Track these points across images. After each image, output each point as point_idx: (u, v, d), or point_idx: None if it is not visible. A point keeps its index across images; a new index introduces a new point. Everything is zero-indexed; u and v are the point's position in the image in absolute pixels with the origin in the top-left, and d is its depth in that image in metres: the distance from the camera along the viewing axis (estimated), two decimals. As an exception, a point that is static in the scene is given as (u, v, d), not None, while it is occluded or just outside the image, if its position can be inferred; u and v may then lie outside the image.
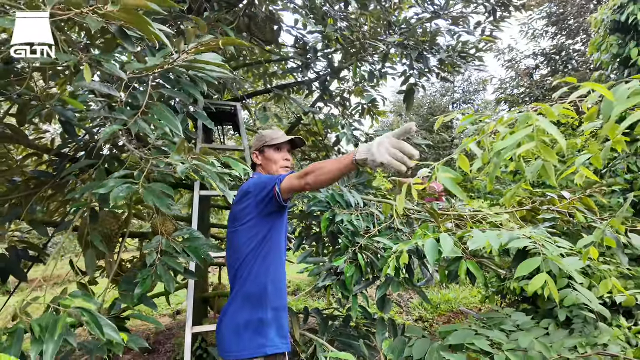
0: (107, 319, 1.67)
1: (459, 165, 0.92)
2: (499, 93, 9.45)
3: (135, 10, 0.97)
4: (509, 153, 0.73)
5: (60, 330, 1.10)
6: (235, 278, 1.64)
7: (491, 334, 1.49)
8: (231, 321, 1.59)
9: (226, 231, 1.85)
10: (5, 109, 2.15)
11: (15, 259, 2.30)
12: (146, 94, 1.33)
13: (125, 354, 4.09)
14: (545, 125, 0.71)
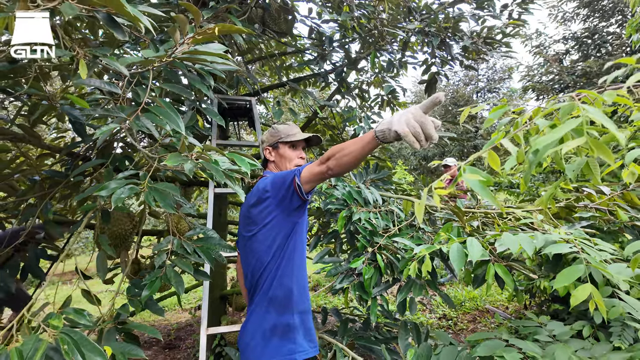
0: (112, 328, 1.63)
1: (487, 164, 0.80)
2: (526, 80, 9.02)
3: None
4: (550, 150, 0.61)
5: (39, 357, 1.03)
6: (257, 284, 1.55)
7: (524, 345, 1.36)
8: (256, 328, 1.52)
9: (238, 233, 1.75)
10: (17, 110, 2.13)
11: (34, 257, 2.31)
12: (146, 90, 1.25)
13: (147, 350, 4.14)
14: (596, 116, 0.58)
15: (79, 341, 1.12)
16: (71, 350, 1.08)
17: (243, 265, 1.66)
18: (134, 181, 1.37)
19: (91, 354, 1.11)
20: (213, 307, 3.54)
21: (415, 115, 1.05)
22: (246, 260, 1.61)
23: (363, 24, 2.70)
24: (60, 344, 1.09)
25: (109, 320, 1.57)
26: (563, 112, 0.67)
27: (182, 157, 1.21)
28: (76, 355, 1.08)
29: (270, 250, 1.51)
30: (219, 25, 1.04)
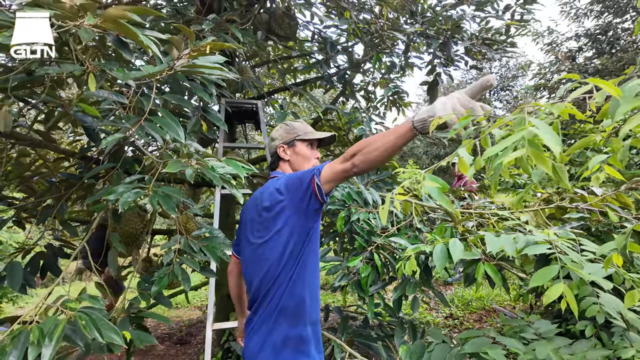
0: (125, 317, 1.75)
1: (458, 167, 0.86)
2: (538, 78, 8.89)
3: (121, 21, 0.98)
4: (497, 160, 0.67)
5: (58, 334, 1.14)
6: (266, 293, 1.41)
7: (509, 342, 1.41)
8: (265, 339, 1.39)
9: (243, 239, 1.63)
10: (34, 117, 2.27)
11: (52, 255, 2.45)
12: (150, 100, 1.35)
13: (160, 344, 4.29)
14: (540, 131, 0.65)
15: (96, 319, 1.23)
16: (88, 326, 1.18)
17: (249, 272, 1.52)
18: (140, 185, 1.48)
19: (107, 331, 1.21)
20: (222, 305, 3.65)
21: (462, 100, 0.93)
22: (254, 268, 1.47)
23: (364, 28, 2.76)
24: (78, 320, 1.20)
25: (121, 310, 1.68)
26: (515, 124, 0.74)
27: (182, 164, 1.30)
28: (93, 330, 1.18)
29: (283, 258, 1.37)
30: (210, 43, 1.13)
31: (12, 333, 1.28)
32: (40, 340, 1.20)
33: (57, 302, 1.52)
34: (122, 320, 1.77)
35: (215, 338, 3.64)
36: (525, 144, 0.67)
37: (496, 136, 0.77)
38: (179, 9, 2.08)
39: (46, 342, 1.19)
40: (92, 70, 1.29)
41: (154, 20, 2.20)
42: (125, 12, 0.96)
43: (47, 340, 1.19)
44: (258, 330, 1.41)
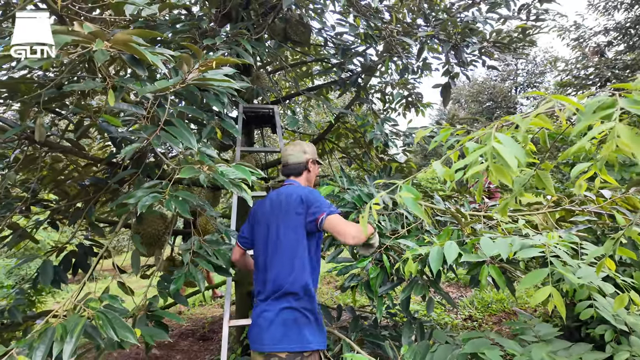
0: (143, 315, 1.88)
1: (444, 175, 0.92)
2: (564, 75, 8.61)
3: (129, 43, 1.08)
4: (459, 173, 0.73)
5: (78, 331, 1.26)
6: (292, 268, 1.69)
7: (507, 344, 1.44)
8: (279, 314, 1.65)
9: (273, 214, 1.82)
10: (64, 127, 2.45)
11: (83, 254, 2.63)
12: (165, 110, 1.46)
13: (184, 340, 4.47)
14: (501, 145, 0.70)
15: (112, 319, 1.35)
16: (105, 326, 1.30)
17: (280, 255, 1.73)
18: (157, 190, 1.60)
19: (122, 330, 1.33)
20: (241, 303, 3.78)
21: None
22: (283, 239, 1.73)
23: (375, 34, 2.81)
24: (96, 319, 1.32)
25: (141, 308, 1.80)
26: (484, 138, 0.79)
27: (195, 170, 1.40)
28: (109, 330, 1.30)
29: (304, 239, 1.74)
30: (216, 59, 1.23)
31: (39, 329, 1.42)
32: (64, 337, 1.33)
33: (82, 300, 1.66)
34: (141, 317, 1.90)
35: (236, 335, 3.77)
36: (489, 158, 0.72)
37: (470, 149, 0.82)
38: (194, 23, 2.20)
39: (68, 339, 1.32)
40: (112, 86, 1.41)
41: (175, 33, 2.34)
42: (131, 36, 1.07)
43: (68, 337, 1.32)
44: (278, 302, 1.71)
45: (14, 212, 2.27)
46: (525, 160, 0.73)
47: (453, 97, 19.31)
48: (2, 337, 2.74)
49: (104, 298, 1.50)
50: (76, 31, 1.04)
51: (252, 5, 2.98)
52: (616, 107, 0.64)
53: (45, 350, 1.28)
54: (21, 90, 2.01)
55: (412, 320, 2.25)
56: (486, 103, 16.38)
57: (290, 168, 1.91)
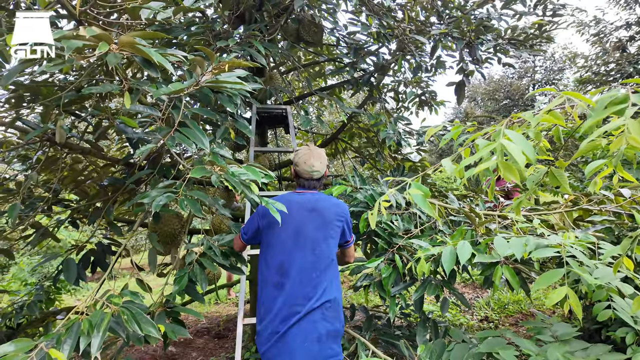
0: (162, 311, 1.92)
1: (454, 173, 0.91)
2: (584, 72, 8.38)
3: (137, 45, 1.11)
4: (470, 170, 0.72)
5: (105, 326, 1.30)
6: (321, 284, 1.68)
7: (522, 343, 1.42)
8: (319, 332, 1.61)
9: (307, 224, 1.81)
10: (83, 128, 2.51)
11: (101, 252, 2.70)
12: (179, 112, 1.49)
13: (199, 338, 4.54)
14: (509, 146, 0.69)
15: (137, 315, 1.39)
16: (130, 321, 1.34)
17: (317, 260, 1.73)
18: (171, 190, 1.63)
19: (146, 325, 1.37)
20: (256, 301, 3.81)
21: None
22: (315, 251, 1.73)
23: (388, 33, 2.80)
24: (121, 315, 1.36)
25: (159, 305, 1.84)
26: (494, 135, 0.78)
27: (206, 170, 1.43)
28: (134, 324, 1.34)
29: (333, 254, 1.81)
30: (229, 62, 1.25)
31: (66, 324, 1.47)
32: (90, 331, 1.38)
33: (103, 296, 1.71)
34: (160, 314, 1.94)
35: (250, 333, 3.81)
36: (498, 155, 0.71)
37: (480, 146, 0.82)
38: (208, 25, 2.24)
39: (95, 333, 1.37)
40: (128, 88, 1.44)
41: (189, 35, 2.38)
42: (134, 38, 1.10)
43: (95, 331, 1.37)
44: (312, 315, 1.67)
45: (37, 212, 2.34)
46: (535, 157, 0.72)
47: (469, 95, 19.03)
48: (26, 332, 2.84)
49: (125, 294, 1.54)
50: (81, 35, 1.07)
51: (265, 7, 3.01)
52: (628, 102, 0.63)
53: (72, 344, 1.33)
54: (42, 93, 2.08)
55: (426, 319, 2.24)
56: (503, 101, 16.09)
57: (316, 183, 1.92)
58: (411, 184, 0.83)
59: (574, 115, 0.79)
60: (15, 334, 2.63)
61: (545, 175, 1.01)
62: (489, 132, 0.82)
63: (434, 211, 0.80)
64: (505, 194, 5.31)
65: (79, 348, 1.39)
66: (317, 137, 5.46)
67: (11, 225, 2.11)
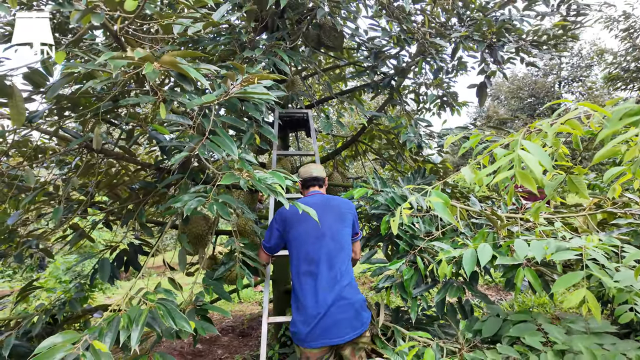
0: (191, 309, 2.02)
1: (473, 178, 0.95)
2: (612, 68, 8.11)
3: (176, 63, 1.20)
4: (488, 178, 0.77)
5: (143, 321, 1.40)
6: (344, 266, 1.98)
7: (552, 331, 1.45)
8: (351, 302, 1.91)
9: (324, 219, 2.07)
10: (118, 135, 2.65)
11: (133, 253, 2.84)
12: (209, 121, 1.58)
13: (224, 336, 4.67)
14: (526, 156, 0.73)
15: (171, 310, 1.49)
16: (165, 316, 1.45)
17: (340, 250, 2.02)
18: (202, 194, 1.72)
19: (180, 320, 1.48)
20: (279, 300, 3.90)
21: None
22: (334, 239, 2.02)
23: (407, 37, 2.83)
24: (157, 310, 1.46)
25: (189, 302, 1.95)
26: (512, 145, 0.82)
27: (236, 176, 1.51)
28: (169, 320, 1.44)
29: (349, 244, 2.12)
30: (258, 75, 1.33)
31: (107, 319, 1.59)
32: (129, 325, 1.49)
33: (138, 293, 1.82)
34: (189, 311, 2.04)
35: (274, 332, 3.89)
36: (516, 164, 0.75)
37: (499, 155, 0.86)
38: (234, 36, 2.34)
39: (133, 327, 1.47)
40: (163, 99, 1.54)
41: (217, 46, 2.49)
42: (175, 57, 1.20)
43: (134, 325, 1.48)
44: (346, 294, 1.94)
45: (76, 214, 2.49)
46: (552, 164, 0.76)
47: (492, 93, 18.65)
48: (63, 328, 3.01)
49: (159, 291, 1.64)
50: (129, 56, 1.17)
51: (287, 14, 3.09)
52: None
53: (113, 337, 1.44)
54: (81, 103, 2.22)
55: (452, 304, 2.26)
56: (527, 99, 15.71)
57: (318, 179, 2.24)
58: (431, 192, 0.88)
59: (591, 125, 0.82)
60: (54, 329, 2.80)
61: (564, 182, 1.04)
62: (507, 141, 0.86)
63: (454, 216, 0.85)
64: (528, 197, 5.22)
65: (119, 341, 1.50)
66: (337, 140, 5.52)
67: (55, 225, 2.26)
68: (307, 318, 1.86)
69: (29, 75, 1.92)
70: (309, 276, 1.93)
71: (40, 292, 5.38)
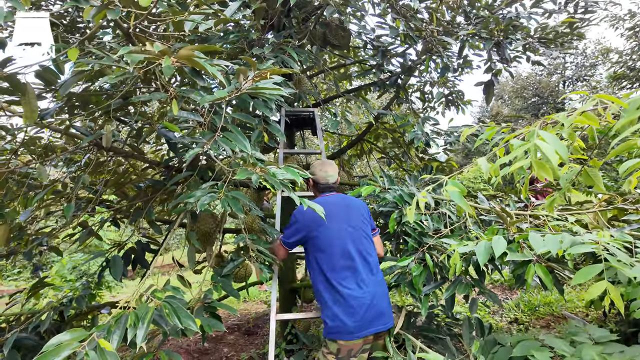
0: (200, 306, 2.03)
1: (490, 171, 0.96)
2: (618, 67, 8.06)
3: (193, 58, 1.21)
4: (504, 169, 0.77)
5: (149, 319, 1.41)
6: (375, 259, 2.13)
7: (556, 344, 1.44)
8: (386, 293, 2.09)
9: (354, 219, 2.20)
10: (126, 133, 2.66)
11: (141, 251, 2.85)
12: (221, 118, 1.59)
13: (230, 334, 4.68)
14: (543, 145, 0.73)
15: (177, 308, 1.50)
16: (171, 314, 1.45)
17: (369, 246, 2.15)
18: (214, 190, 1.73)
19: (185, 319, 1.48)
20: (285, 299, 3.91)
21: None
22: (366, 240, 2.16)
23: (415, 34, 2.83)
24: (163, 308, 1.47)
25: (197, 300, 1.95)
26: (529, 135, 0.83)
27: (249, 172, 1.52)
28: (174, 318, 1.45)
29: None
30: (270, 70, 1.34)
31: (115, 316, 1.60)
32: (136, 323, 1.49)
33: (147, 291, 1.83)
34: (198, 308, 2.05)
35: (280, 330, 3.90)
36: (532, 154, 0.76)
37: (514, 146, 0.86)
38: (243, 34, 2.36)
39: (140, 325, 1.48)
40: (174, 97, 1.56)
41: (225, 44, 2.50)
42: (193, 51, 1.21)
43: (140, 323, 1.48)
44: (384, 285, 2.12)
45: (85, 212, 2.51)
46: (568, 156, 0.76)
47: (496, 93, 18.57)
48: (72, 325, 3.03)
49: (167, 289, 1.65)
50: (148, 50, 1.18)
51: (294, 13, 3.10)
52: (661, 105, 0.66)
53: (121, 335, 1.44)
54: (92, 101, 2.23)
55: (455, 319, 2.27)
56: (531, 99, 15.66)
57: (332, 186, 2.34)
58: (447, 182, 0.88)
59: (607, 117, 0.83)
60: (62, 326, 2.82)
61: (579, 175, 1.04)
62: (523, 133, 0.86)
63: (469, 206, 0.85)
64: (535, 195, 5.20)
65: (126, 338, 1.51)
66: (343, 139, 5.52)
67: (68, 222, 2.27)
68: (352, 309, 1.93)
69: (41, 73, 1.94)
70: (348, 270, 2.01)
71: (47, 290, 5.41)
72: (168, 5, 1.57)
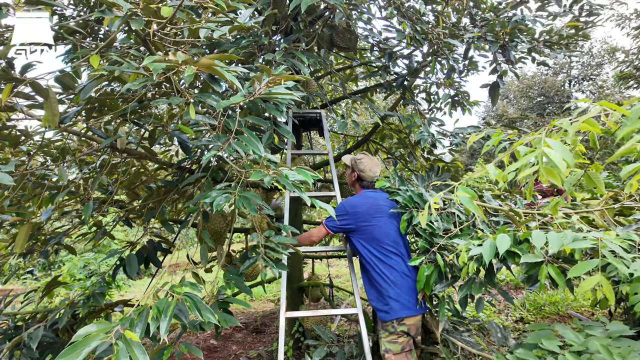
0: (214, 302, 2.09)
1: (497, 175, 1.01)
2: (624, 67, 8.04)
3: (212, 66, 1.27)
4: (512, 174, 0.82)
5: (171, 312, 1.47)
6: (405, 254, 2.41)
7: (568, 335, 1.49)
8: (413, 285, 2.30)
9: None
10: (140, 135, 2.73)
11: (153, 250, 2.92)
12: (235, 121, 1.65)
13: (238, 332, 4.75)
14: (551, 152, 0.78)
15: (197, 302, 1.56)
16: (192, 308, 1.52)
17: (400, 234, 2.45)
18: (228, 190, 1.79)
19: (205, 312, 1.55)
20: (292, 298, 3.97)
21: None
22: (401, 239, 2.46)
23: (422, 37, 2.88)
24: (184, 302, 1.54)
25: (211, 296, 2.02)
26: (535, 142, 0.88)
27: (262, 173, 1.58)
28: (195, 311, 1.51)
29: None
30: (284, 76, 1.39)
31: (137, 310, 1.66)
32: (158, 316, 1.56)
33: (163, 287, 1.89)
34: (212, 304, 2.11)
35: (287, 329, 3.97)
36: (539, 161, 0.81)
37: (521, 152, 0.91)
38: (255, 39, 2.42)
39: (162, 318, 1.55)
40: (191, 101, 1.62)
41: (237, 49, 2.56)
42: (213, 60, 1.27)
43: (163, 316, 1.55)
44: (412, 276, 2.36)
45: (101, 212, 2.58)
46: (574, 161, 0.81)
47: (501, 92, 18.53)
48: (86, 323, 3.11)
49: (185, 285, 1.71)
50: (171, 60, 1.24)
51: (301, 16, 3.16)
52: (660, 113, 0.71)
53: (143, 327, 1.51)
54: (107, 104, 2.30)
55: (461, 318, 2.31)
56: (537, 98, 15.61)
57: (373, 184, 2.63)
58: (458, 187, 0.93)
59: (609, 124, 0.87)
60: (76, 323, 2.90)
61: (582, 178, 1.08)
62: (529, 139, 0.91)
63: (479, 210, 0.90)
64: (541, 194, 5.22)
65: (148, 332, 1.57)
66: (349, 139, 5.57)
67: (85, 221, 2.34)
68: (405, 290, 2.26)
69: (60, 78, 2.01)
70: (397, 255, 2.34)
71: (59, 288, 5.52)
72: (185, 13, 1.63)
